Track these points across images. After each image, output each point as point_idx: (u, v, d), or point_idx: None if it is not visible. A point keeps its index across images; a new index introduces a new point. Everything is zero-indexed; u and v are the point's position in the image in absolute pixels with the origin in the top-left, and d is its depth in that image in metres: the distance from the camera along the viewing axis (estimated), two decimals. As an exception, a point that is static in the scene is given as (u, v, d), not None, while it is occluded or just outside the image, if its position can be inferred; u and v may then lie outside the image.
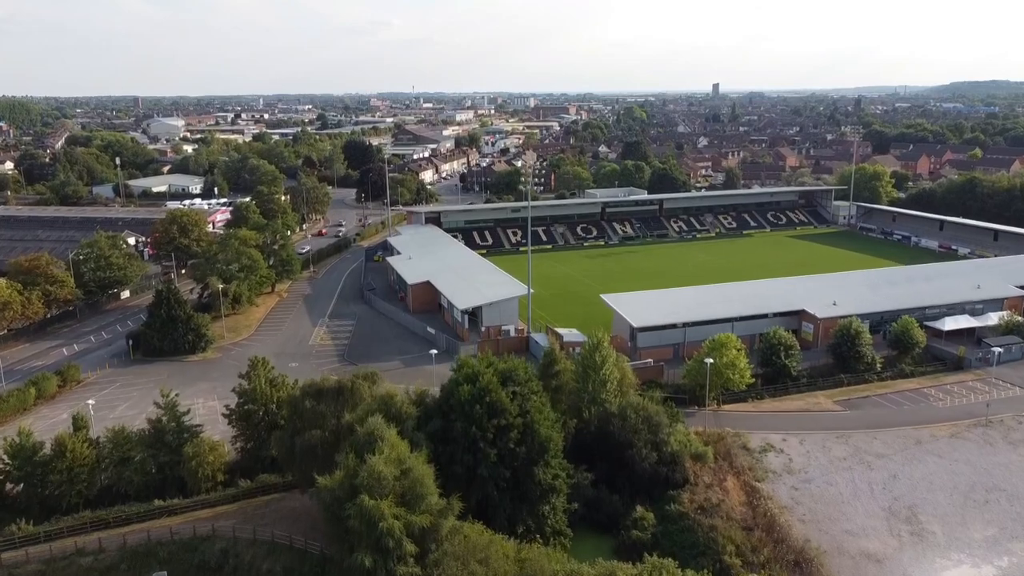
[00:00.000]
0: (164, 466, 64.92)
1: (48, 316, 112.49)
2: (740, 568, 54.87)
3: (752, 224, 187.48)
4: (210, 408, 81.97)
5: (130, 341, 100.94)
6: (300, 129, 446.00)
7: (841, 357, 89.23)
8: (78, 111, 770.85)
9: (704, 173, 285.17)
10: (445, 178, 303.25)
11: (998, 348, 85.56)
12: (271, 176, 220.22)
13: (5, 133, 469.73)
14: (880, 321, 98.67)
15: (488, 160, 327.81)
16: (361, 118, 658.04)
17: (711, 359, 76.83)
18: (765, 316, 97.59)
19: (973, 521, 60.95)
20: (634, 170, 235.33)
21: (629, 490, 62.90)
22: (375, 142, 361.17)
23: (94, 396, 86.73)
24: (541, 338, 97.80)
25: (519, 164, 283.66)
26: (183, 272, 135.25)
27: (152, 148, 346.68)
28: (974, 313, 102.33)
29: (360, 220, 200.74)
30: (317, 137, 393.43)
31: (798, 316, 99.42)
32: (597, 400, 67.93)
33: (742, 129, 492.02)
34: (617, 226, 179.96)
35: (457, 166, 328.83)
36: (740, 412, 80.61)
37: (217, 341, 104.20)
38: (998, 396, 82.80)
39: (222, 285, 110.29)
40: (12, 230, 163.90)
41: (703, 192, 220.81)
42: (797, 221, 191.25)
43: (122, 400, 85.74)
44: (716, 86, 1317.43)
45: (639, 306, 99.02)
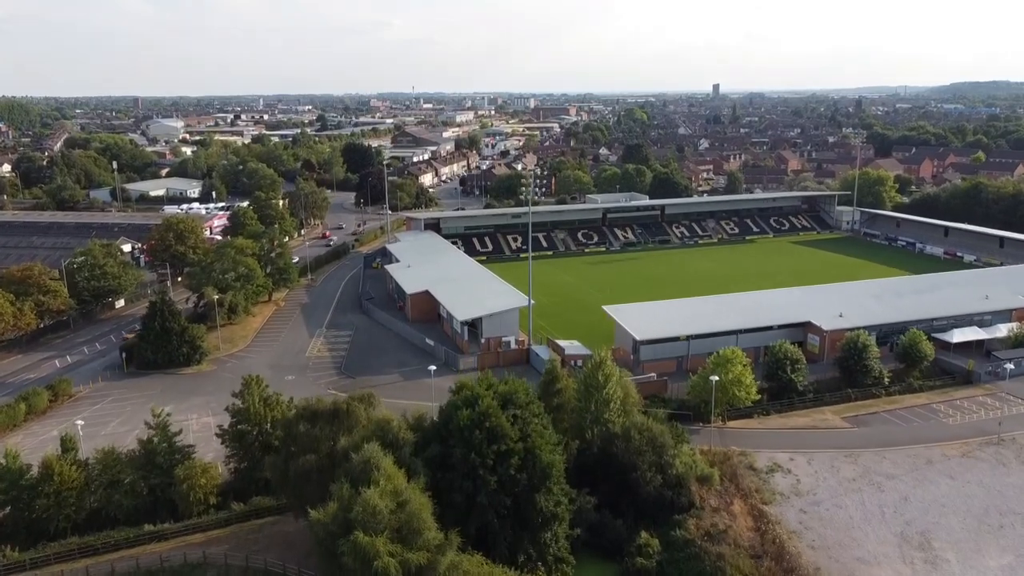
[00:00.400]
0: (155, 488, 63.16)
1: (41, 327, 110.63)
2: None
3: (755, 230, 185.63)
4: (204, 424, 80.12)
5: (123, 353, 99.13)
6: (300, 131, 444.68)
7: (848, 371, 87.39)
8: (78, 111, 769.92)
9: (706, 177, 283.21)
10: (445, 181, 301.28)
11: (1010, 364, 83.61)
12: (269, 180, 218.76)
13: (4, 135, 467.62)
14: (887, 333, 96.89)
15: (488, 163, 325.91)
16: (361, 119, 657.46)
17: (716, 376, 75.05)
18: (770, 328, 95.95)
19: (988, 547, 59.10)
20: (635, 174, 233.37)
21: (633, 514, 61.09)
22: (375, 144, 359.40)
23: (86, 411, 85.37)
24: (542, 350, 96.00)
25: (519, 167, 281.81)
26: (179, 280, 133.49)
27: (151, 151, 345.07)
28: (982, 325, 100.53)
29: (359, 225, 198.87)
30: (316, 139, 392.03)
31: (804, 328, 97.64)
32: (600, 420, 66.08)
33: (743, 131, 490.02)
34: (618, 232, 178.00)
35: (457, 169, 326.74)
36: (746, 429, 78.83)
37: (212, 353, 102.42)
38: (1009, 412, 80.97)
39: (218, 296, 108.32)
40: (7, 236, 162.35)
41: (705, 198, 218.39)
42: (800, 227, 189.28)
43: (114, 416, 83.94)
44: (716, 86, 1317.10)
45: (642, 318, 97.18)
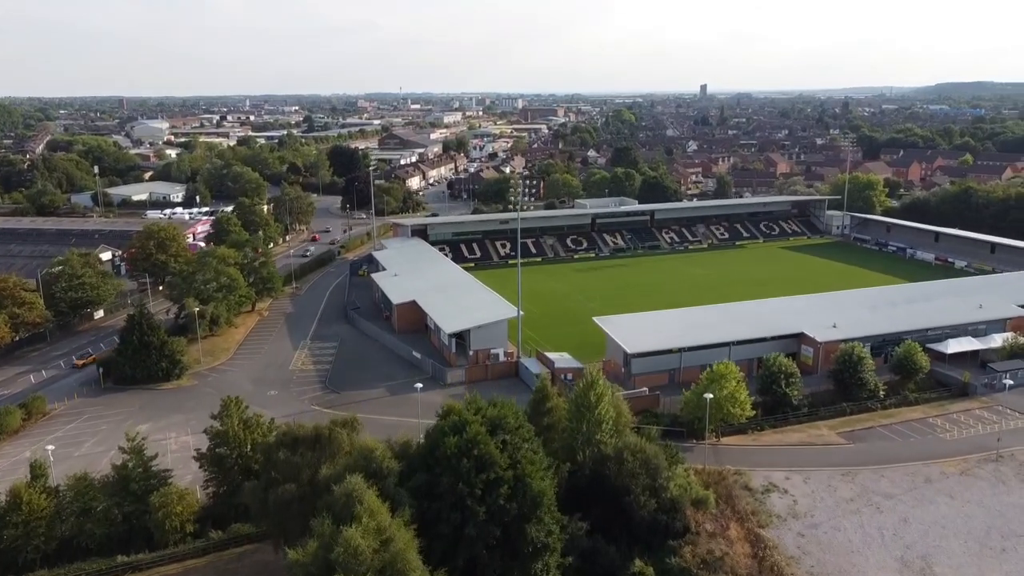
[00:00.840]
0: (129, 516, 60.45)
1: (15, 340, 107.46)
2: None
3: (745, 235, 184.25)
4: (183, 444, 77.51)
5: (100, 368, 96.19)
6: (286, 132, 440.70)
7: (843, 384, 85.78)
8: (62, 112, 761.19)
9: (695, 180, 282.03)
10: (432, 184, 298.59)
11: (1008, 380, 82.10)
12: (255, 184, 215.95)
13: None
14: (881, 344, 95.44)
15: (476, 165, 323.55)
16: (348, 120, 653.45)
17: (710, 393, 73.16)
18: (763, 340, 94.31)
19: (991, 572, 57.42)
20: (624, 178, 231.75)
21: (627, 540, 58.97)
22: (362, 146, 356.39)
23: (60, 430, 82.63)
24: (532, 363, 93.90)
25: (507, 170, 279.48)
26: (160, 289, 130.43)
27: (134, 153, 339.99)
28: (977, 334, 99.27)
29: (344, 231, 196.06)
30: (303, 141, 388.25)
31: (797, 339, 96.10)
32: (592, 441, 63.88)
33: (731, 132, 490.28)
34: (608, 237, 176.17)
35: (445, 171, 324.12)
36: (740, 446, 77.03)
37: (193, 367, 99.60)
38: (1007, 427, 79.53)
39: (199, 307, 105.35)
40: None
41: (695, 203, 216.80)
42: (790, 231, 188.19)
43: (89, 435, 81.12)
44: (704, 87, 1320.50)
45: (633, 330, 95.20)
